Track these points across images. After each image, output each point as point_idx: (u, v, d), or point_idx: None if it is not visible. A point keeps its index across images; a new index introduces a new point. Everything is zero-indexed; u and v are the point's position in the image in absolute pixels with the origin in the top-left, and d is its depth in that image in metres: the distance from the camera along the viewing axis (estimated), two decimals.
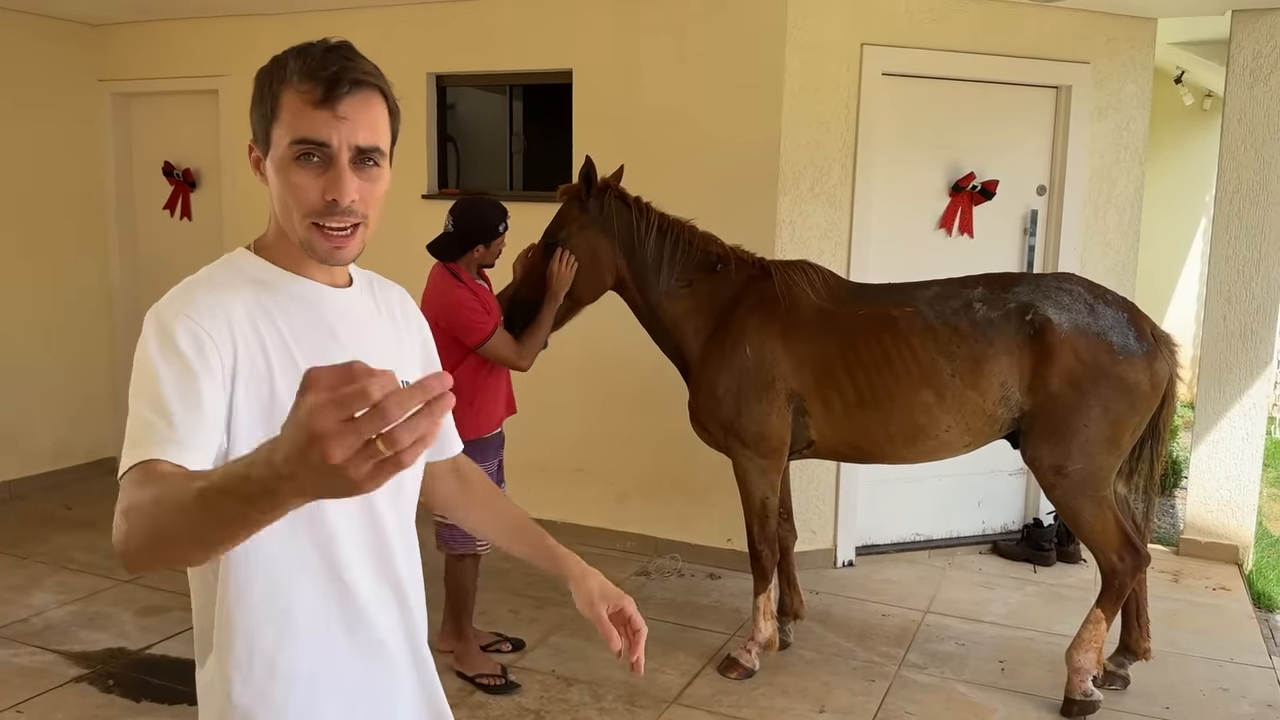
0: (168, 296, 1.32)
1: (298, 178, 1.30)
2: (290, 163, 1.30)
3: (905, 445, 3.53)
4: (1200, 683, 3.72)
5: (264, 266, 1.39)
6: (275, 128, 1.31)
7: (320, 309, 1.39)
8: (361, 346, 1.39)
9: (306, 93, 1.28)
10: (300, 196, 1.31)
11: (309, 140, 1.29)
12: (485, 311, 3.41)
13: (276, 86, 1.31)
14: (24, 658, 3.77)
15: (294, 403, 0.87)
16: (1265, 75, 4.71)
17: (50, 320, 5.88)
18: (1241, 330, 4.83)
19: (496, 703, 3.51)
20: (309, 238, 1.33)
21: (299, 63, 1.30)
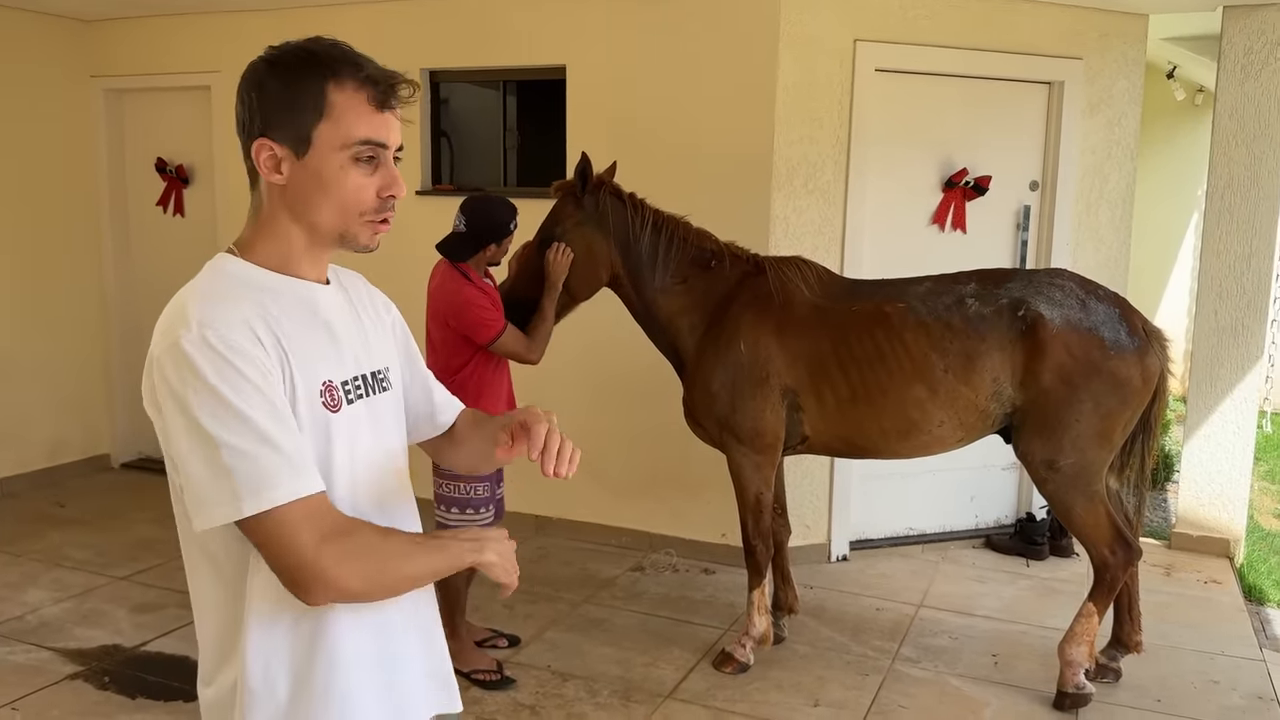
0: (190, 320, 1.26)
1: (356, 177, 1.34)
2: (349, 163, 1.33)
3: (898, 440, 3.54)
4: (1191, 675, 3.75)
5: (258, 270, 1.37)
6: (324, 126, 1.32)
7: (315, 308, 1.40)
8: (352, 341, 1.44)
9: (368, 94, 1.32)
10: (359, 195, 1.34)
11: (373, 141, 1.33)
12: (495, 307, 3.41)
13: (322, 84, 1.31)
14: (19, 655, 3.77)
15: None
16: (1256, 70, 4.73)
17: (43, 317, 5.86)
18: (1233, 325, 4.85)
19: (492, 698, 3.52)
20: (357, 232, 1.37)
21: (348, 64, 1.32)
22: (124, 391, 6.15)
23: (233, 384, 1.22)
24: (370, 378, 1.45)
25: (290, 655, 1.35)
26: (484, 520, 3.57)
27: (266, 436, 1.23)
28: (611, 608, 4.31)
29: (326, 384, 1.36)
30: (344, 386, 1.39)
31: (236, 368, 1.23)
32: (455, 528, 3.54)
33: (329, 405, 1.35)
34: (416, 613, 1.52)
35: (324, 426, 1.34)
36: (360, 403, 1.41)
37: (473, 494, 3.53)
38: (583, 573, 4.69)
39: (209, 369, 1.22)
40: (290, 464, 1.24)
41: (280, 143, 1.33)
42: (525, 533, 5.06)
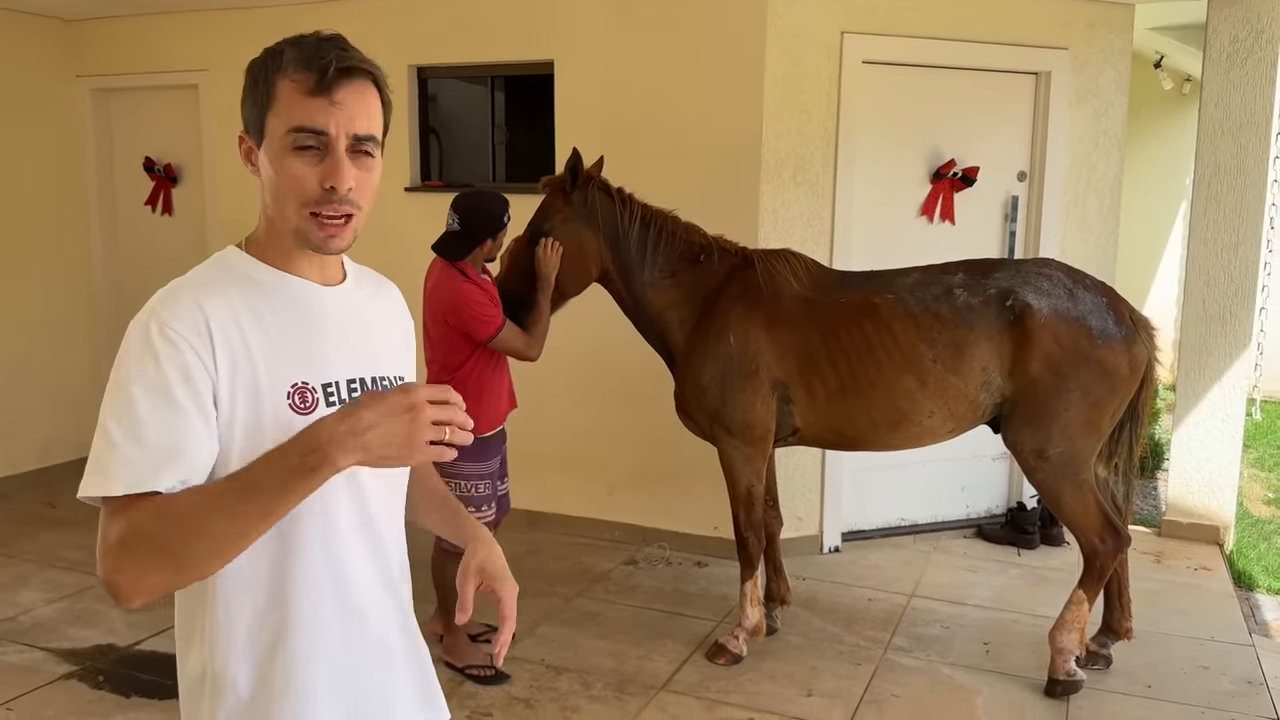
0: (150, 305, 1.30)
1: (295, 167, 1.30)
2: (287, 152, 1.30)
3: (889, 431, 3.56)
4: (1182, 661, 3.77)
5: (254, 264, 1.38)
6: (270, 116, 1.31)
7: (307, 306, 1.38)
8: (346, 343, 1.41)
9: (301, 80, 1.29)
10: (298, 185, 1.30)
11: (306, 128, 1.29)
12: (493, 305, 3.41)
13: (271, 75, 1.31)
14: (12, 655, 3.77)
15: (381, 394, 1.18)
16: (1242, 59, 4.75)
17: (33, 317, 5.85)
18: (1220, 313, 4.88)
19: (486, 693, 3.53)
20: (304, 226, 1.32)
21: (294, 51, 1.30)
22: None
23: (143, 373, 1.23)
24: (371, 384, 1.42)
25: (251, 649, 1.34)
26: (485, 518, 3.57)
27: (138, 430, 1.22)
28: (605, 601, 4.32)
29: (298, 386, 1.33)
30: (325, 389, 1.35)
31: (157, 359, 1.24)
32: None
33: (296, 407, 1.32)
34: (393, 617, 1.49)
35: (290, 428, 1.25)
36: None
37: (473, 491, 3.53)
38: (576, 567, 4.70)
39: (135, 355, 1.25)
40: (139, 462, 1.21)
41: (250, 136, 1.36)
42: (518, 528, 5.06)
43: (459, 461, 3.49)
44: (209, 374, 1.26)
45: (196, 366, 1.25)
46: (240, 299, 1.32)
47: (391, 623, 1.48)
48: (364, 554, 1.43)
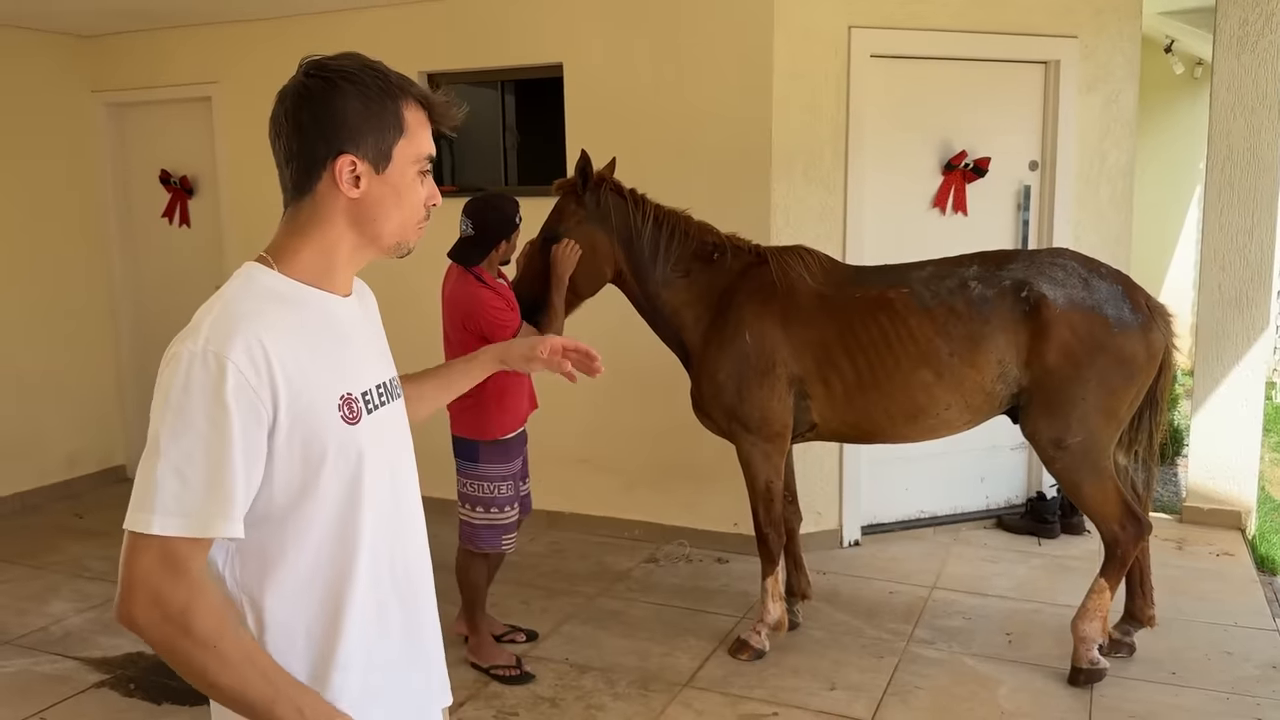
0: (204, 334, 1.28)
1: (418, 189, 1.43)
2: (415, 177, 1.42)
3: (906, 424, 3.57)
4: (1205, 647, 3.77)
5: (284, 281, 1.39)
6: (402, 143, 1.40)
7: (337, 320, 1.43)
8: (366, 350, 1.48)
9: (422, 111, 1.42)
10: (416, 206, 1.44)
11: (431, 158, 1.44)
12: (510, 309, 3.43)
13: (398, 102, 1.39)
14: (45, 665, 3.82)
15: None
16: (1252, 42, 4.73)
17: (56, 332, 5.92)
18: (1237, 297, 4.86)
19: (512, 692, 3.56)
20: (411, 238, 1.46)
21: (404, 81, 1.41)
22: (136, 403, 6.22)
23: (206, 410, 1.24)
24: (389, 385, 1.50)
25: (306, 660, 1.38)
26: (508, 519, 3.61)
27: (205, 467, 1.24)
28: (627, 600, 4.35)
29: (345, 397, 1.38)
30: (364, 397, 1.42)
31: (223, 393, 1.24)
32: (479, 525, 3.58)
33: (348, 418, 1.37)
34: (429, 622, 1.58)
35: (345, 440, 1.35)
36: (382, 410, 1.46)
37: (496, 493, 3.56)
38: (597, 566, 4.73)
39: (195, 386, 1.25)
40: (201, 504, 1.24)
41: (363, 159, 1.38)
42: (538, 528, 5.10)
43: (482, 463, 3.53)
44: (269, 413, 1.28)
45: (259, 410, 1.27)
46: (286, 320, 1.35)
47: (427, 618, 1.57)
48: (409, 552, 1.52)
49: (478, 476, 3.55)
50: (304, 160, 1.38)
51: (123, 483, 6.24)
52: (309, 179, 1.38)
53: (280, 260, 1.40)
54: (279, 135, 1.40)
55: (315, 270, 1.41)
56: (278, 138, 1.40)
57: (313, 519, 1.35)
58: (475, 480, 3.56)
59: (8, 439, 5.68)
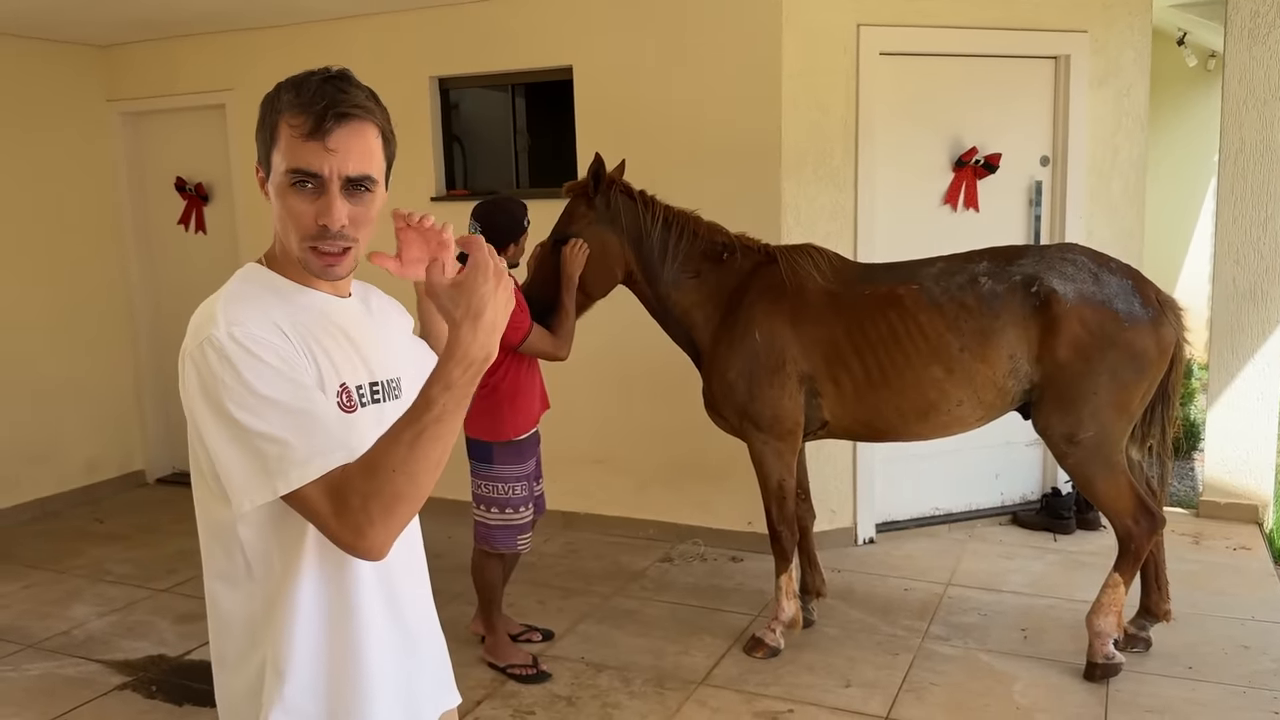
0: (212, 321, 1.34)
1: (293, 203, 1.39)
2: (287, 189, 1.39)
3: (918, 421, 3.57)
4: (1221, 641, 3.76)
5: (277, 279, 1.47)
6: (274, 154, 1.40)
7: (331, 316, 1.48)
8: (361, 349, 1.51)
9: (298, 126, 1.36)
10: (296, 221, 1.40)
11: (301, 170, 1.37)
12: (521, 310, 3.45)
13: (275, 116, 1.40)
14: (68, 669, 3.87)
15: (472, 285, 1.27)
16: (1264, 34, 4.71)
17: (74, 338, 5.99)
18: (1251, 290, 4.85)
19: (529, 691, 3.59)
20: (304, 257, 1.42)
21: (291, 95, 1.38)
22: (155, 408, 6.27)
23: (257, 373, 1.30)
24: (385, 385, 1.53)
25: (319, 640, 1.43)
26: (523, 519, 3.63)
27: (293, 416, 1.29)
28: (642, 599, 4.37)
29: (343, 386, 1.44)
30: (358, 391, 1.47)
31: (260, 358, 1.31)
32: (494, 526, 3.60)
33: (344, 406, 1.42)
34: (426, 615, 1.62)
35: (342, 426, 1.38)
36: (372, 407, 1.49)
37: (511, 494, 3.59)
38: (612, 566, 4.75)
39: (238, 362, 1.30)
40: (313, 440, 1.28)
41: (261, 167, 1.45)
42: (553, 529, 5.13)
43: (496, 464, 3.55)
44: (300, 364, 1.37)
45: (295, 359, 1.35)
46: (283, 309, 1.42)
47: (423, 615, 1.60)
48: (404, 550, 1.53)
49: (492, 478, 3.58)
50: None
51: (142, 487, 6.30)
52: None
53: (270, 261, 1.49)
54: None
55: (295, 270, 1.46)
56: None
57: None
58: (490, 481, 3.59)
59: (28, 445, 5.75)
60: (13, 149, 5.62)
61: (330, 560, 1.41)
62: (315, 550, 1.40)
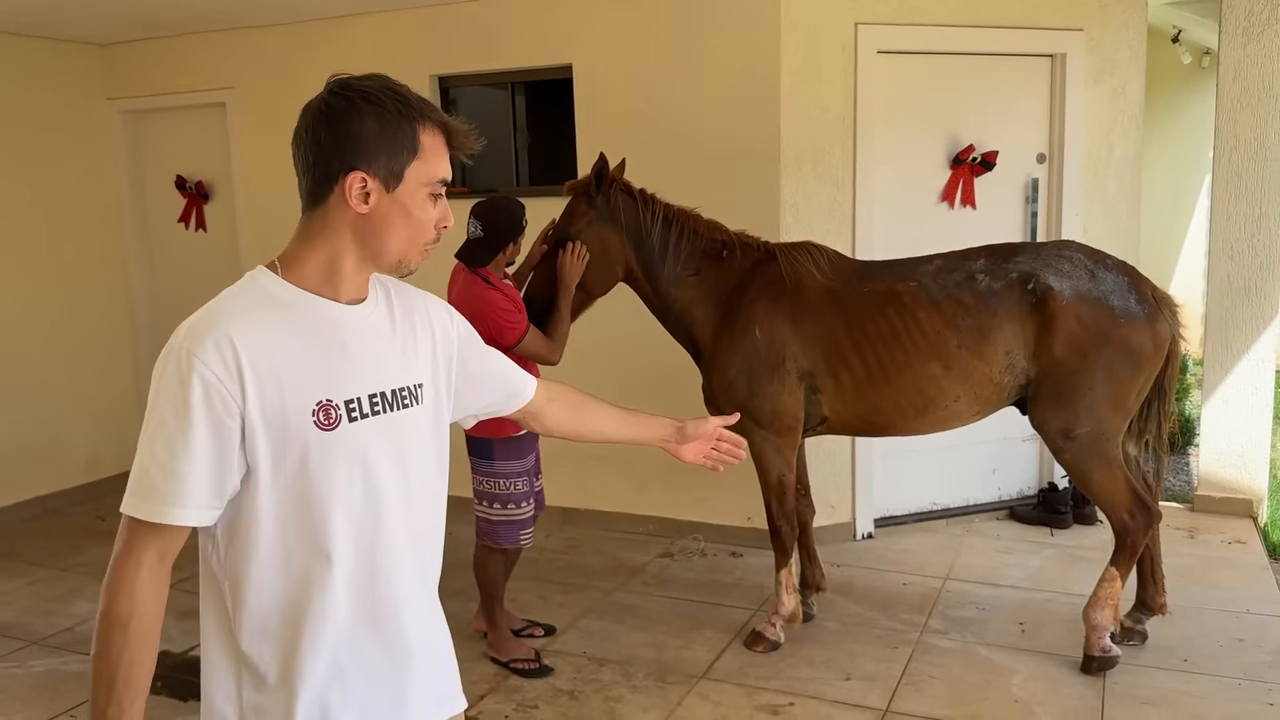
0: (183, 333, 1.40)
1: (427, 212, 1.48)
2: (426, 199, 1.47)
3: (916, 417, 3.61)
4: (1217, 634, 3.80)
5: (282, 286, 1.46)
6: (415, 164, 1.45)
7: (331, 326, 1.47)
8: (367, 359, 1.50)
9: (439, 134, 1.46)
10: (425, 229, 1.48)
11: (444, 180, 1.49)
12: (518, 310, 3.48)
13: (414, 125, 1.44)
14: (73, 665, 3.90)
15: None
16: (1258, 33, 4.74)
17: (74, 336, 6.01)
18: (1246, 286, 4.88)
19: (531, 685, 3.62)
20: (413, 258, 1.50)
21: (429, 109, 1.46)
22: None
23: (173, 403, 1.36)
24: (391, 395, 1.51)
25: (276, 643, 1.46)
26: (525, 514, 3.66)
27: (166, 458, 1.36)
28: (643, 594, 4.40)
29: (322, 403, 1.43)
30: (347, 405, 1.45)
31: (188, 389, 1.35)
32: (496, 522, 3.63)
33: (322, 423, 1.42)
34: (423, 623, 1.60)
35: (317, 444, 1.42)
36: (374, 420, 1.48)
37: (512, 489, 3.62)
38: (613, 561, 4.78)
39: (169, 381, 1.37)
40: (153, 490, 1.36)
41: (374, 176, 1.44)
42: (554, 525, 5.16)
43: (497, 461, 3.58)
44: (238, 407, 1.37)
45: (228, 404, 1.37)
46: (271, 323, 1.42)
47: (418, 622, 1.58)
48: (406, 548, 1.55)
49: (493, 474, 3.61)
50: (318, 173, 1.45)
51: None
52: (321, 191, 1.46)
53: (287, 266, 1.48)
54: (299, 148, 1.47)
55: (317, 278, 1.47)
56: (297, 150, 1.47)
57: (279, 515, 1.43)
58: (491, 478, 3.62)
59: (28, 443, 5.77)
60: (13, 147, 5.63)
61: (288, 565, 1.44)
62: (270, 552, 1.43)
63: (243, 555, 1.44)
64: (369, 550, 1.49)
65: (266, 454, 1.40)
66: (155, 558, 1.38)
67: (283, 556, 1.44)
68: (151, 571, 1.38)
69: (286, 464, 1.41)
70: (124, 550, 1.38)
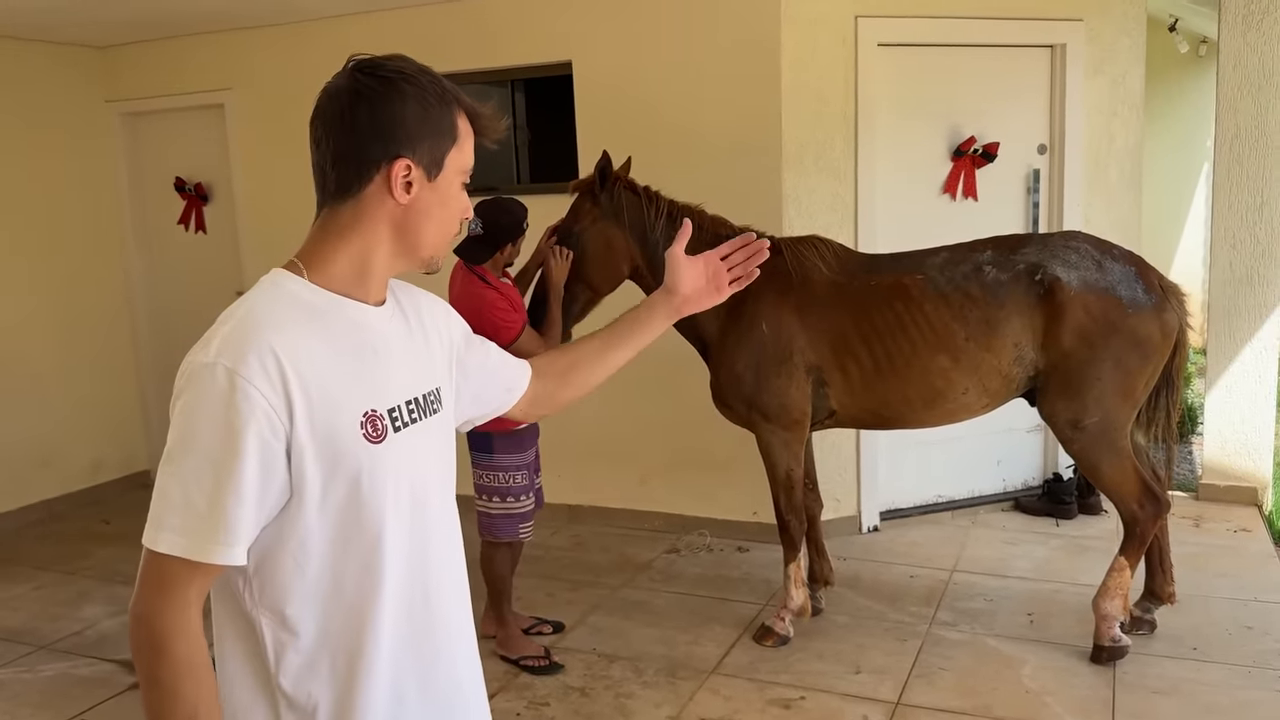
0: (216, 344, 1.25)
1: (461, 201, 1.41)
2: (460, 188, 1.40)
3: (924, 409, 3.61)
4: (1225, 622, 3.80)
5: (312, 290, 1.34)
6: (453, 152, 1.37)
7: (366, 331, 1.37)
8: (401, 363, 1.41)
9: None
10: (458, 219, 1.42)
11: (470, 169, 1.41)
12: (514, 310, 3.49)
13: (452, 110, 1.36)
14: (83, 669, 3.89)
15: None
16: (1258, 20, 4.74)
17: (76, 340, 6.00)
18: (1248, 275, 4.89)
19: (542, 683, 3.62)
20: (442, 252, 1.43)
21: (456, 90, 1.37)
22: (157, 408, 6.28)
23: (215, 428, 1.22)
24: (423, 400, 1.43)
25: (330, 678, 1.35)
26: (524, 508, 3.67)
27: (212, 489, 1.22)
28: (651, 590, 4.40)
29: (369, 414, 1.32)
30: (390, 414, 1.35)
31: (234, 411, 1.22)
32: (496, 515, 3.64)
33: (371, 436, 1.31)
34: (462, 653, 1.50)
35: (368, 460, 1.31)
36: (413, 428, 1.39)
37: (512, 482, 3.63)
38: (620, 558, 4.78)
39: (208, 401, 1.22)
40: (200, 526, 1.22)
41: (418, 164, 1.34)
42: (559, 522, 5.16)
43: (497, 454, 3.59)
44: (285, 429, 1.25)
45: (275, 426, 1.24)
46: (308, 331, 1.30)
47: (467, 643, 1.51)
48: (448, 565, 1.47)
49: (493, 467, 3.62)
50: (355, 161, 1.32)
51: (146, 488, 6.26)
52: (358, 181, 1.33)
53: (312, 266, 1.35)
54: (328, 133, 1.33)
55: (348, 278, 1.36)
56: (326, 136, 1.33)
57: (329, 540, 1.31)
58: (490, 471, 3.63)
59: (32, 448, 5.76)
60: (12, 150, 5.61)
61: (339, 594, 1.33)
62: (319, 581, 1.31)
63: (286, 588, 1.31)
64: (420, 570, 1.39)
65: (316, 476, 1.27)
66: (198, 596, 1.26)
67: (332, 585, 1.32)
68: (198, 611, 1.27)
69: (337, 484, 1.29)
70: (165, 590, 1.24)
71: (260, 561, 1.30)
